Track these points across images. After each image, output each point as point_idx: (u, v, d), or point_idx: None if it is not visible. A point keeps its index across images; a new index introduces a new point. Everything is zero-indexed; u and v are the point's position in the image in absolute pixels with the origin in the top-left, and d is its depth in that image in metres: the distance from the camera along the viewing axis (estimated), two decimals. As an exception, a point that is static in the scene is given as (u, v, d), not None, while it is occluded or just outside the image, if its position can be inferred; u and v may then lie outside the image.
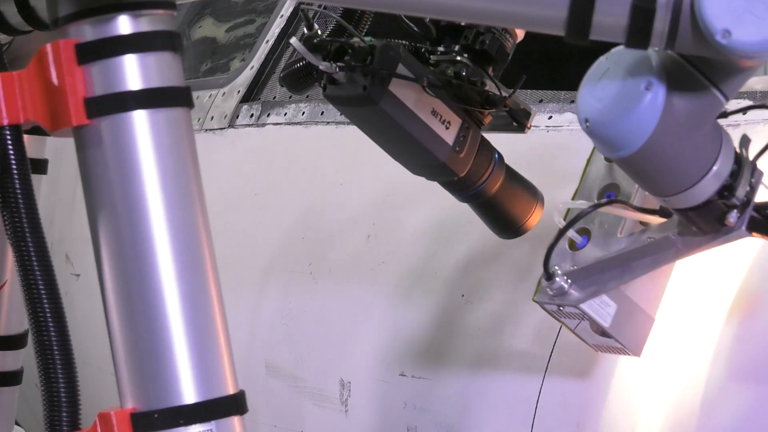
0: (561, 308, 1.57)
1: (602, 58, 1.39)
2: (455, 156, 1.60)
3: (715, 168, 1.38)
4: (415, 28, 1.61)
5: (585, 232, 1.58)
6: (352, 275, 2.19)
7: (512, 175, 1.68)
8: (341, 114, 1.71)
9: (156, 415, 1.33)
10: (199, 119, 2.79)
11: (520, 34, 1.65)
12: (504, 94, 1.61)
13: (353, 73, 1.54)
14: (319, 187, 2.31)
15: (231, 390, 1.39)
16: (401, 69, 1.54)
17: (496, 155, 1.65)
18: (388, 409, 2.04)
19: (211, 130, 2.72)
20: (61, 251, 3.40)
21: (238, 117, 2.65)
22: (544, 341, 1.79)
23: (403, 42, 1.60)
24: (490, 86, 1.61)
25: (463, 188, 1.65)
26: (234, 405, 1.38)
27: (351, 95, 1.56)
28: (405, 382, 2.00)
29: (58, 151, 3.64)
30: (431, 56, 1.60)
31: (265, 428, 2.37)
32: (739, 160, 1.41)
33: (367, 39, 1.56)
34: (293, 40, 1.57)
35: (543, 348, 1.79)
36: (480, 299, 1.91)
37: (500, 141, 1.72)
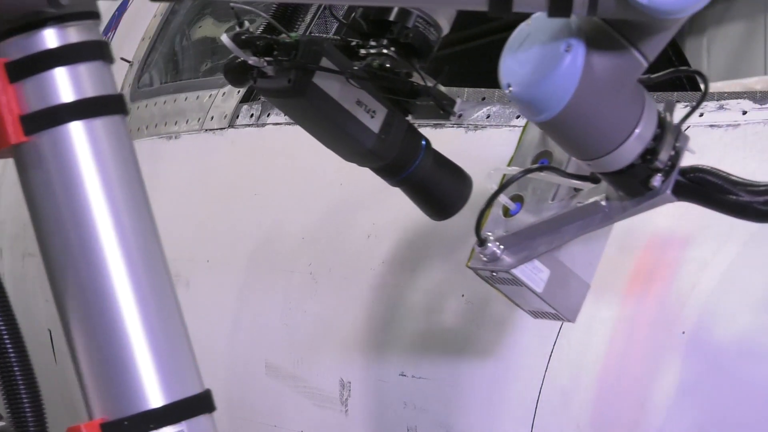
0: (494, 274, 1.58)
1: (523, 25, 1.42)
2: (381, 143, 1.68)
3: (637, 131, 1.40)
4: (345, 22, 1.73)
5: (518, 199, 1.58)
6: (352, 275, 2.19)
7: (440, 160, 1.75)
8: (273, 106, 1.74)
9: (126, 423, 1.33)
10: (199, 119, 2.79)
11: (446, 27, 1.72)
12: (429, 84, 1.68)
13: (281, 67, 1.63)
14: (319, 187, 2.31)
15: (197, 389, 1.39)
16: (325, 62, 1.62)
17: (423, 142, 1.72)
18: (388, 409, 2.04)
19: (211, 130, 2.72)
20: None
21: (238, 117, 2.65)
22: (544, 341, 1.79)
23: (330, 37, 1.71)
24: (417, 77, 1.68)
25: (392, 173, 1.73)
26: (202, 403, 1.37)
27: (278, 88, 1.65)
28: (405, 382, 2.00)
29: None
30: (361, 50, 1.68)
31: (265, 428, 2.37)
32: (663, 124, 1.43)
33: (293, 35, 1.64)
34: (223, 37, 1.66)
35: (543, 348, 1.79)
36: (480, 299, 1.91)
37: (502, 141, 1.72)
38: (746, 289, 1.63)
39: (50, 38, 1.36)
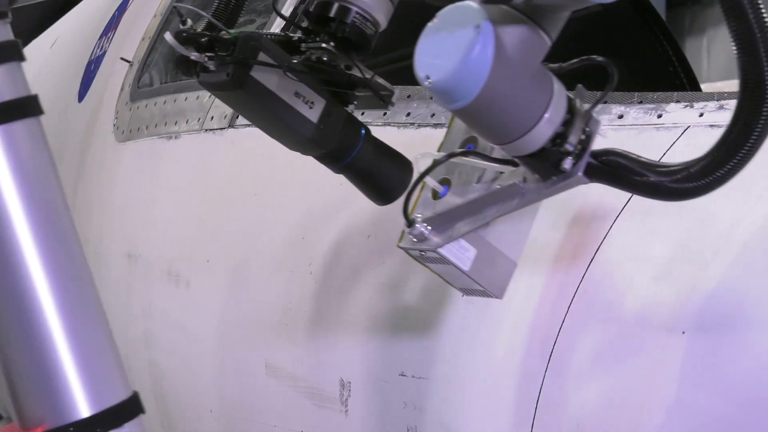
0: (423, 253, 1.66)
1: (431, 22, 1.49)
2: (320, 132, 1.77)
3: (546, 116, 1.47)
4: (290, 19, 1.86)
5: (447, 182, 1.66)
6: (353, 275, 2.19)
7: (380, 148, 1.84)
8: (216, 99, 1.88)
9: None
10: (199, 119, 2.79)
11: (383, 22, 1.80)
12: (366, 76, 1.78)
13: (222, 61, 1.73)
14: (319, 187, 2.31)
15: (124, 395, 1.37)
16: (263, 57, 1.72)
17: (363, 130, 1.82)
18: (388, 409, 2.04)
19: (211, 130, 2.72)
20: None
21: (238, 117, 2.65)
22: (544, 341, 1.79)
23: (270, 32, 1.81)
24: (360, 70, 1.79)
25: (334, 161, 1.83)
26: (130, 409, 1.36)
27: (218, 81, 1.75)
28: (405, 382, 2.00)
29: (56, 151, 3.63)
30: (302, 44, 1.79)
31: (265, 428, 2.37)
32: (573, 110, 1.50)
33: (232, 32, 1.75)
34: (167, 35, 1.77)
35: (543, 348, 1.79)
36: (480, 299, 1.91)
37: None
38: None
39: None
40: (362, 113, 2.25)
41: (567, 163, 1.50)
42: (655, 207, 1.75)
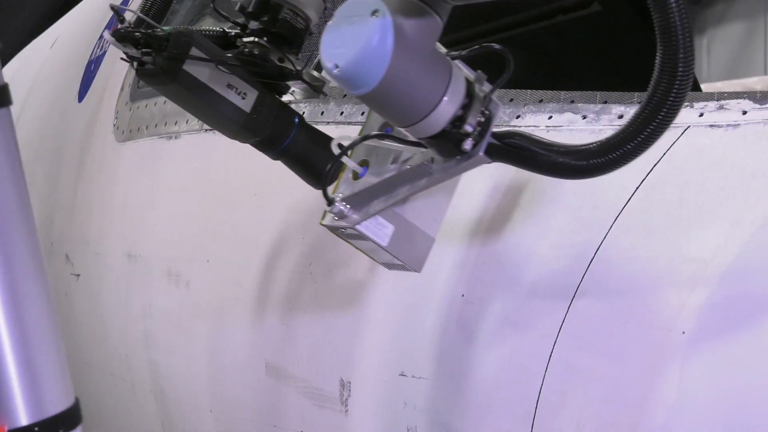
0: (343, 230, 1.74)
1: (331, 21, 1.56)
2: (253, 121, 1.90)
3: (445, 98, 1.55)
4: (227, 16, 1.98)
5: (365, 164, 1.75)
6: (353, 275, 2.19)
7: (314, 135, 1.95)
8: (156, 91, 2.02)
9: None
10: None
11: (315, 17, 1.91)
12: (298, 68, 1.91)
13: (159, 57, 1.85)
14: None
15: (65, 405, 1.36)
16: (195, 51, 1.84)
17: (297, 118, 1.94)
18: (388, 409, 2.04)
19: (211, 130, 2.72)
20: (61, 251, 3.40)
21: (238, 117, 2.65)
22: (544, 341, 1.79)
23: (204, 29, 1.93)
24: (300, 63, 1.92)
25: (269, 147, 1.95)
26: (68, 420, 1.34)
27: (153, 75, 1.87)
28: (405, 382, 2.00)
29: (56, 151, 3.65)
30: (238, 39, 1.93)
31: (265, 428, 2.37)
32: (472, 94, 1.58)
33: (166, 28, 1.87)
34: (105, 33, 1.88)
35: (543, 348, 1.79)
36: (480, 299, 1.91)
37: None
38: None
39: None
40: (362, 113, 2.25)
41: (467, 144, 1.58)
42: (655, 207, 1.75)
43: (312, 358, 2.25)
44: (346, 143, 1.70)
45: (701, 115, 1.79)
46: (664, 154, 1.78)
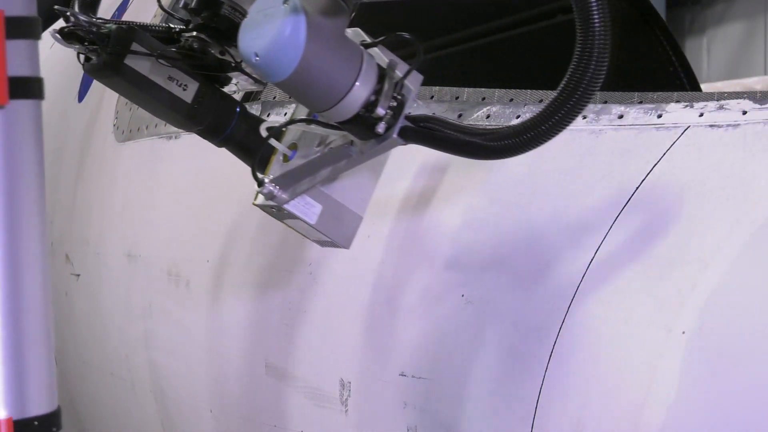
0: (274, 210, 1.85)
1: (247, 15, 1.68)
2: (194, 111, 1.99)
3: (357, 84, 1.65)
4: (171, 13, 2.09)
5: (294, 147, 1.85)
6: (352, 275, 2.19)
7: (256, 122, 2.01)
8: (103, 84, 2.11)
9: None
10: (199, 119, 2.79)
11: None
12: (237, 60, 2.00)
13: (103, 52, 1.94)
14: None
15: (47, 409, 1.35)
16: (135, 46, 1.94)
17: (238, 108, 2.03)
18: (388, 409, 2.04)
19: (211, 130, 2.71)
20: (61, 251, 3.40)
21: (238, 117, 2.65)
22: (544, 341, 1.79)
23: (150, 24, 2.05)
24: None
25: (213, 135, 2.04)
26: (48, 424, 1.34)
27: (99, 69, 1.97)
28: (405, 382, 2.00)
29: (56, 151, 3.65)
30: (182, 34, 2.03)
31: (265, 428, 2.37)
32: (383, 80, 1.67)
33: (108, 26, 1.96)
34: (49, 31, 1.95)
35: (543, 348, 1.79)
36: (480, 299, 1.91)
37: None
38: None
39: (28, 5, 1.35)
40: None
41: (380, 128, 1.68)
42: (655, 207, 1.75)
43: (312, 358, 2.25)
44: (274, 128, 1.84)
45: (701, 115, 1.79)
46: (664, 154, 1.78)
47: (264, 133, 1.85)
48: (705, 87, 5.56)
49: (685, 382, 1.62)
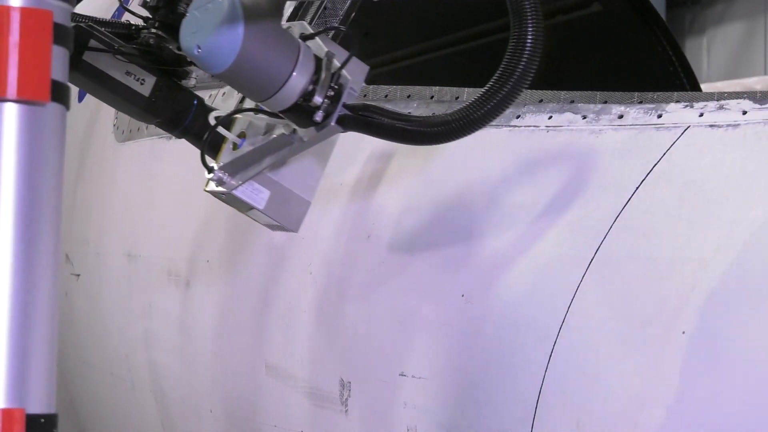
0: (223, 195, 1.94)
1: (188, 11, 1.76)
2: (153, 104, 2.06)
3: (294, 74, 1.74)
4: (132, 11, 2.20)
5: (243, 136, 1.94)
6: (352, 275, 2.19)
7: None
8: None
9: None
10: (199, 119, 2.79)
11: None
12: None
13: None
14: (319, 187, 2.31)
15: (44, 410, 1.35)
16: (93, 43, 2.02)
17: (195, 100, 2.10)
18: (388, 409, 2.04)
19: (211, 130, 2.71)
20: (61, 251, 3.40)
21: (238, 117, 2.65)
22: (544, 341, 1.79)
23: (110, 21, 2.14)
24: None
25: (172, 127, 2.10)
26: (43, 424, 1.34)
27: None
28: (405, 382, 2.00)
29: (58, 151, 3.62)
30: (142, 32, 2.11)
31: (265, 428, 2.37)
32: (320, 70, 1.76)
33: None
34: None
35: (543, 348, 1.79)
36: (480, 299, 1.91)
37: (502, 140, 1.72)
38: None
39: (63, 14, 1.38)
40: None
41: (318, 116, 1.77)
42: (655, 207, 1.75)
43: (312, 358, 2.24)
44: (222, 117, 1.94)
45: (701, 115, 1.79)
46: (664, 154, 1.78)
47: (212, 121, 1.96)
48: (705, 87, 5.56)
49: (685, 382, 1.62)
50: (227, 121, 1.95)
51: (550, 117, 1.98)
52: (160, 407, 2.84)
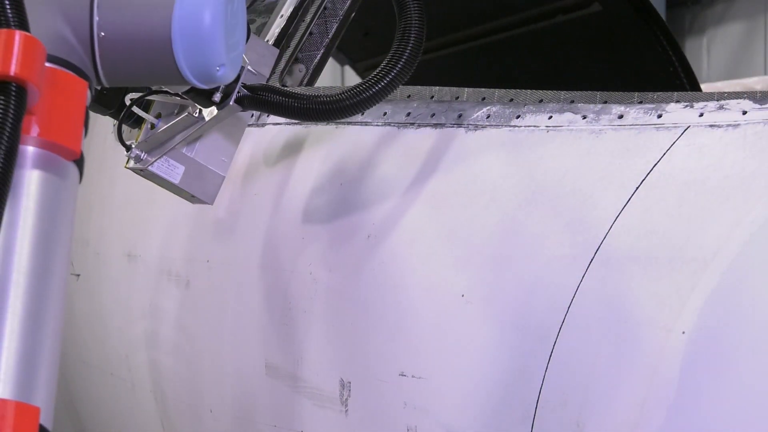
0: (141, 171, 2.08)
1: None
2: (103, 96, 2.15)
3: None
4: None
5: (160, 116, 2.08)
6: (352, 275, 2.19)
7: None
8: None
9: None
10: (199, 119, 2.79)
11: None
12: None
13: None
14: (319, 187, 2.31)
15: (44, 420, 1.35)
16: None
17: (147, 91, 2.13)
18: (388, 409, 2.04)
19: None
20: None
21: (238, 117, 2.65)
22: (544, 341, 1.79)
23: None
24: None
25: (105, 107, 2.19)
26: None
27: None
28: (405, 382, 2.00)
29: (58, 151, 3.62)
30: None
31: (265, 428, 2.37)
32: None
33: None
34: None
35: (543, 348, 1.79)
36: (480, 299, 1.91)
37: (502, 140, 1.72)
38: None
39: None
40: (362, 113, 2.25)
41: (216, 97, 1.90)
42: (655, 207, 1.75)
43: (312, 358, 2.24)
44: (136, 99, 2.07)
45: (701, 115, 1.79)
46: (664, 154, 1.78)
47: (127, 103, 2.08)
48: (705, 87, 5.56)
49: (685, 382, 1.62)
50: (147, 102, 2.08)
51: (550, 117, 1.98)
52: (160, 407, 2.84)
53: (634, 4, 3.86)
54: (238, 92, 1.92)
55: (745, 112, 1.74)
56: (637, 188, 1.78)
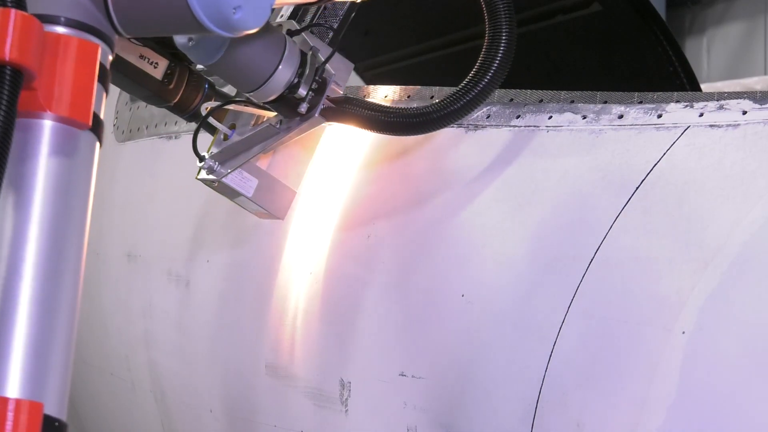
0: (213, 183, 2.04)
1: None
2: (165, 87, 2.12)
3: (280, 67, 1.85)
4: None
5: (233, 127, 2.05)
6: (353, 275, 2.19)
7: (224, 98, 2.16)
8: None
9: None
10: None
11: None
12: None
13: None
14: (319, 187, 2.31)
15: (56, 413, 1.35)
16: None
17: (207, 84, 2.16)
18: (388, 409, 2.04)
19: (211, 130, 2.71)
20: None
21: (238, 117, 2.65)
22: (544, 341, 1.79)
23: None
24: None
25: (181, 111, 2.16)
26: (54, 428, 1.34)
27: None
28: (405, 382, 2.00)
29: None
30: None
31: (265, 428, 2.37)
32: (305, 64, 1.88)
33: None
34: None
35: (543, 348, 1.79)
36: (480, 299, 1.91)
37: (502, 140, 1.72)
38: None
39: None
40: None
41: (302, 108, 1.89)
42: (655, 207, 1.75)
43: (312, 358, 2.24)
44: (213, 108, 2.04)
45: (701, 115, 1.79)
46: (664, 154, 1.78)
47: (203, 113, 2.04)
48: (705, 87, 5.56)
49: (685, 382, 1.62)
50: (220, 112, 2.03)
51: (550, 117, 1.98)
52: (160, 407, 2.84)
53: (634, 4, 3.86)
54: (323, 104, 1.90)
55: (745, 112, 1.74)
56: (637, 188, 1.78)
